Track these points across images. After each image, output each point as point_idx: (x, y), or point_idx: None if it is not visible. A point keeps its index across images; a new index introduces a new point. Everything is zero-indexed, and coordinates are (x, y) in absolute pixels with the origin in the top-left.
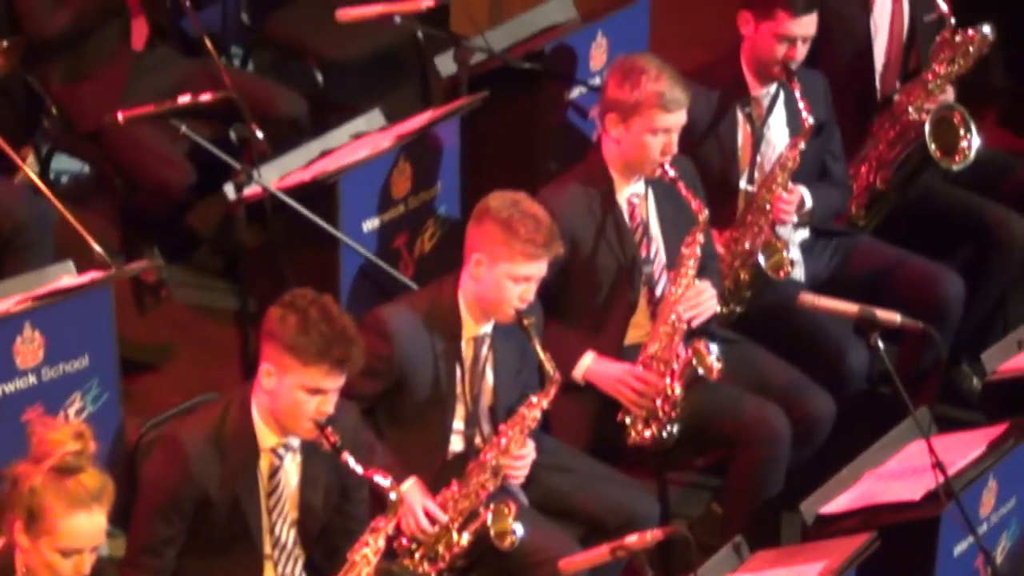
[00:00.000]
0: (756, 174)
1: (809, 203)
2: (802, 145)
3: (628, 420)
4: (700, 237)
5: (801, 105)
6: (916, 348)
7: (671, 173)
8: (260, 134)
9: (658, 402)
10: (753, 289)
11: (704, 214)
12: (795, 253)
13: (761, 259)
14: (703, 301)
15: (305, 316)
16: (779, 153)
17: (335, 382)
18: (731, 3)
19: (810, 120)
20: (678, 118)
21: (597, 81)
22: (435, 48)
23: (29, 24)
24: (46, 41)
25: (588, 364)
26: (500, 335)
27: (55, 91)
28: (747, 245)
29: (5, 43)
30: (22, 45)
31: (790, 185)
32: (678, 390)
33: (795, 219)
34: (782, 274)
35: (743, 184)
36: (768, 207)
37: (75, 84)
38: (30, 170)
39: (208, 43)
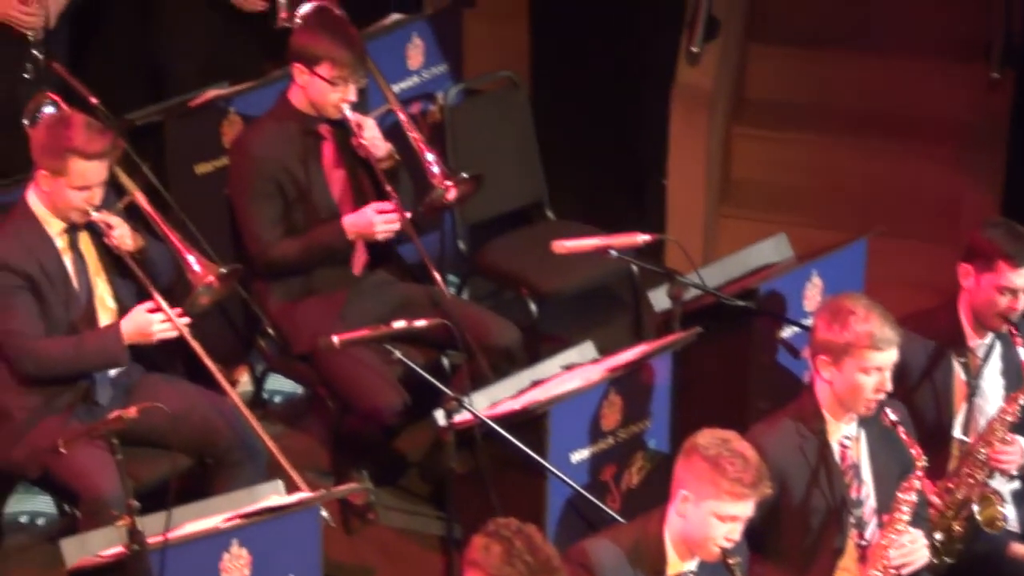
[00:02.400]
0: (969, 424)
1: None
2: (1023, 399)
3: None
4: (917, 483)
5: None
6: None
7: (892, 417)
8: (473, 362)
9: None
10: (964, 541)
11: (922, 461)
12: (1008, 505)
13: (975, 511)
14: (916, 549)
15: (510, 546)
16: (999, 406)
17: None
18: (946, 247)
19: None
20: (889, 356)
21: (810, 322)
22: (649, 282)
23: (254, 247)
24: (269, 265)
25: None
26: (705, 573)
27: (272, 312)
28: (961, 496)
29: (224, 268)
30: (240, 272)
31: (1009, 436)
32: None
33: (1016, 471)
34: (996, 527)
35: (956, 433)
36: (985, 459)
37: (293, 306)
38: (245, 389)
39: (429, 270)
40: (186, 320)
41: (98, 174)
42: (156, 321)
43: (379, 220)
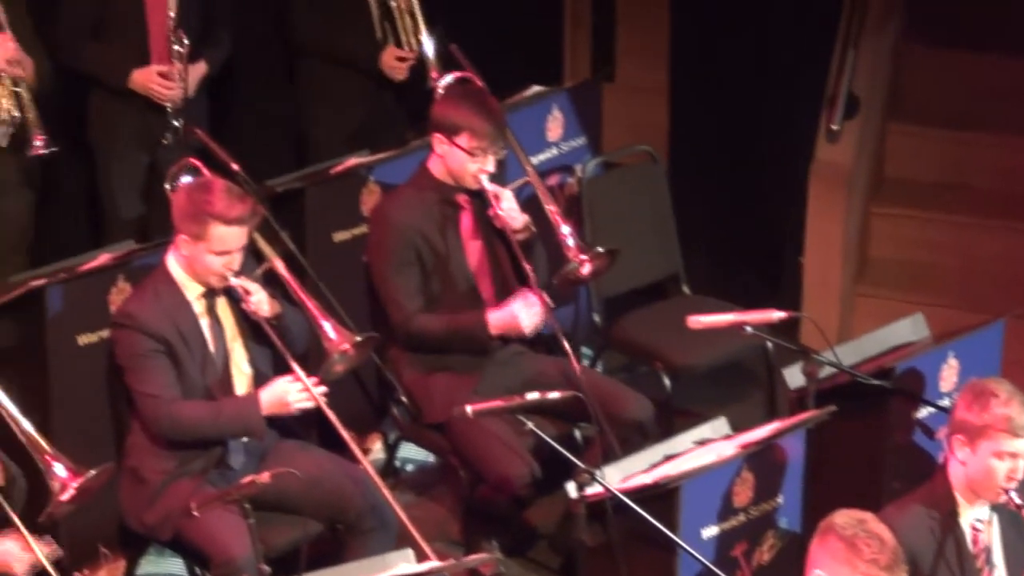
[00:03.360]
0: None
1: None
2: None
3: None
4: None
5: None
6: None
7: (1018, 501)
8: (605, 435)
9: None
10: None
11: None
12: None
13: None
14: None
15: None
16: None
17: None
18: None
19: None
20: None
21: (946, 402)
22: (784, 359)
23: (395, 315)
24: (409, 337)
25: None
26: None
27: (407, 381)
28: None
29: (359, 337)
30: (376, 340)
31: None
32: None
33: None
34: None
35: None
36: None
37: (427, 375)
38: (377, 456)
39: (563, 343)
40: (323, 390)
41: (237, 240)
42: (295, 392)
43: (525, 314)
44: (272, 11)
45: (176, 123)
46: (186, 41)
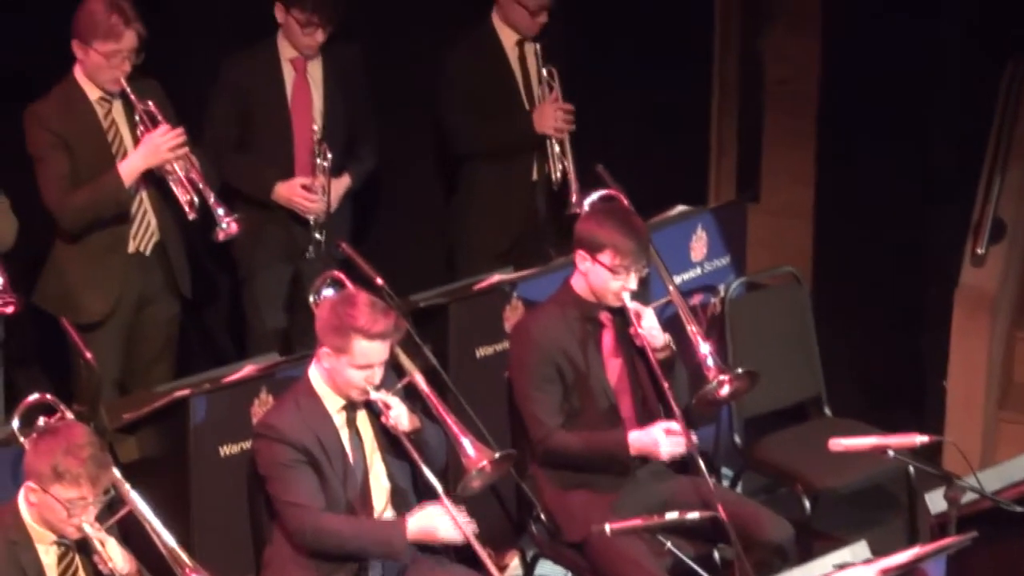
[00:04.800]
0: None
1: None
2: None
3: None
4: None
5: None
6: None
7: None
8: (745, 557)
9: None
10: None
11: None
12: None
13: None
14: None
15: None
16: None
17: None
18: None
19: None
20: None
21: None
22: (925, 484)
23: (536, 431)
24: (548, 453)
25: None
26: None
27: (546, 498)
28: None
29: (498, 454)
30: (514, 457)
31: None
32: None
33: None
34: None
35: None
36: None
37: (566, 493)
38: (515, 574)
39: (703, 463)
40: (473, 527)
41: (380, 354)
42: (444, 526)
43: (666, 442)
44: (419, 123)
45: (319, 236)
46: (330, 155)
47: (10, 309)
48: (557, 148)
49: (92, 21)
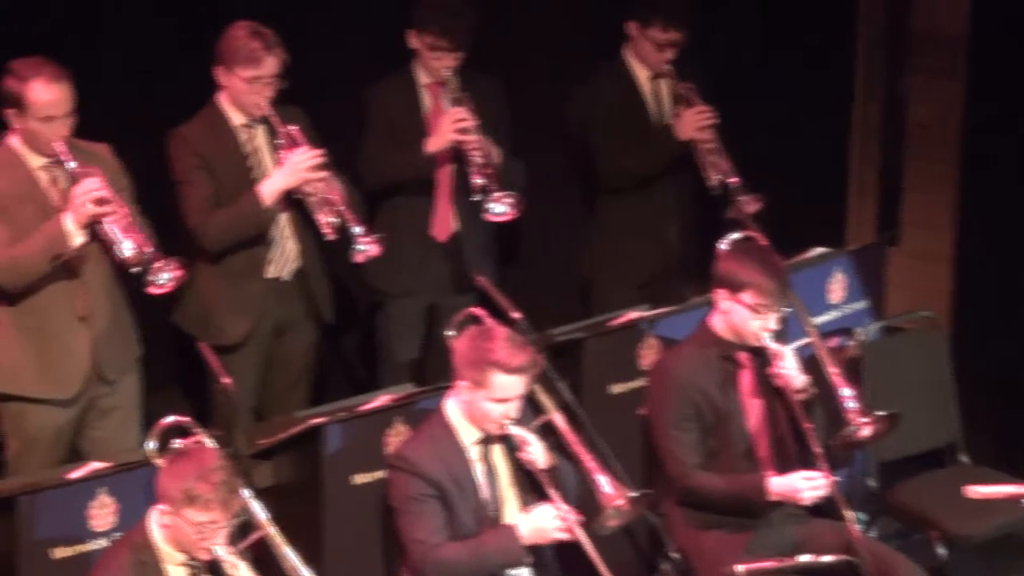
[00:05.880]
0: None
1: None
2: None
3: None
4: None
5: None
6: None
7: None
8: None
9: None
10: None
11: None
12: None
13: None
14: None
15: None
16: None
17: None
18: None
19: None
20: None
21: None
22: None
23: (674, 469)
24: (687, 492)
25: None
26: None
27: (679, 537)
28: None
29: (634, 492)
30: (651, 497)
31: None
32: None
33: None
34: None
35: None
36: None
37: (700, 533)
38: None
39: (839, 505)
40: (579, 518)
41: (517, 388)
42: (551, 518)
43: (806, 487)
44: (555, 158)
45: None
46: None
47: (177, 274)
48: (708, 153)
49: (234, 47)
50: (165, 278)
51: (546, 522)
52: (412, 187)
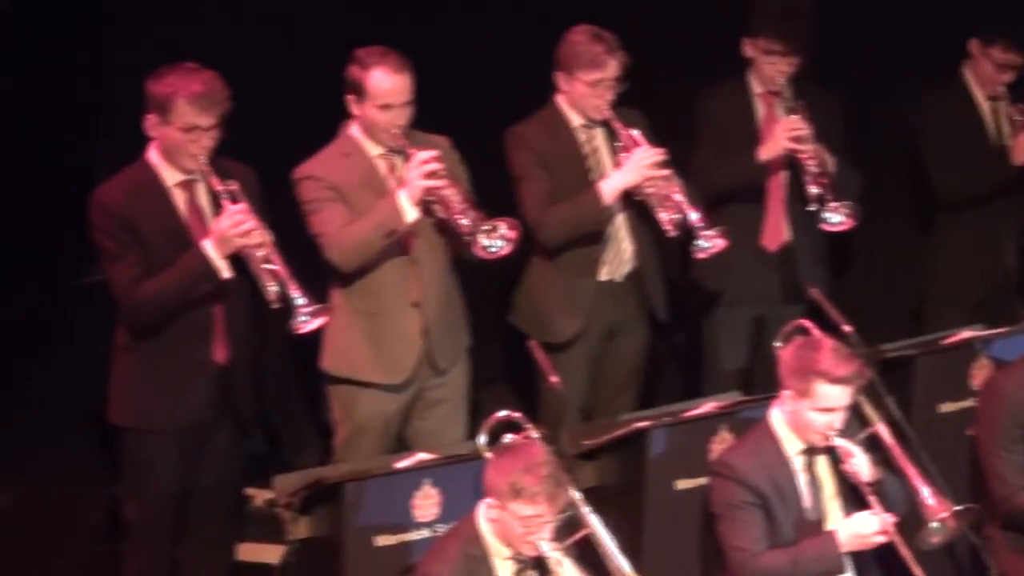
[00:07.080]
0: None
1: None
2: None
3: None
4: None
5: None
6: None
7: None
8: None
9: None
10: None
11: None
12: None
13: None
14: None
15: None
16: None
17: None
18: None
19: None
20: None
21: None
22: None
23: (999, 491)
24: (1010, 514)
25: None
26: None
27: (1001, 560)
28: None
29: (958, 507)
30: (976, 512)
31: None
32: None
33: None
34: None
35: None
36: None
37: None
38: None
39: None
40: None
41: (842, 399)
42: (870, 525)
43: None
44: (895, 174)
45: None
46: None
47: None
48: None
49: (575, 51)
50: (499, 245)
51: (865, 527)
52: (743, 195)
